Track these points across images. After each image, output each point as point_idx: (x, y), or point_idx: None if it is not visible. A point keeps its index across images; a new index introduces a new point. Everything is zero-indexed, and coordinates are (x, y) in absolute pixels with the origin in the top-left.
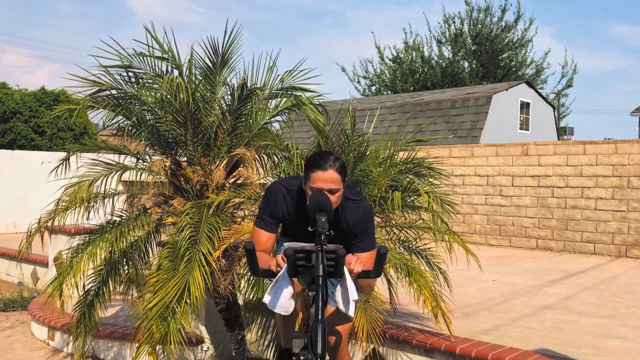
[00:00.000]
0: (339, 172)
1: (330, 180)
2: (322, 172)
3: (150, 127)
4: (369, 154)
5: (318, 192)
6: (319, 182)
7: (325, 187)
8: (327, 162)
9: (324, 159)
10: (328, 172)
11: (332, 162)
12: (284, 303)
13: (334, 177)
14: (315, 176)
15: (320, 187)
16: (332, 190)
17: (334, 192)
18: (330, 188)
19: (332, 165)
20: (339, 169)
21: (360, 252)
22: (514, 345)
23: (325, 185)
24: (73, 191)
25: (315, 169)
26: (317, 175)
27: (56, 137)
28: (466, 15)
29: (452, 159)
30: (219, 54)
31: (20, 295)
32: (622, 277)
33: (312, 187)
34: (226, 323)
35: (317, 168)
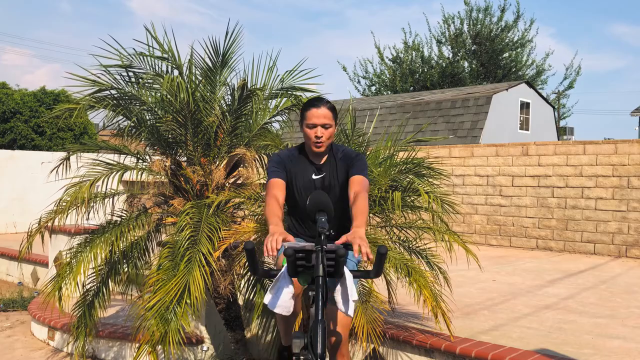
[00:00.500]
0: (331, 110)
1: (323, 115)
2: (315, 109)
3: (150, 127)
4: (369, 153)
5: (318, 192)
6: (314, 117)
7: (319, 122)
8: (320, 101)
9: (317, 100)
10: (321, 109)
11: (324, 102)
12: (284, 303)
13: (327, 113)
14: (310, 113)
15: (314, 122)
16: (326, 125)
17: (327, 127)
18: (323, 123)
19: (325, 104)
20: (331, 108)
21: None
22: (514, 345)
23: (319, 120)
24: (74, 191)
25: (309, 107)
26: (312, 112)
27: (56, 137)
28: (466, 15)
29: (452, 159)
30: (220, 54)
31: (20, 295)
32: (622, 277)
33: (307, 123)
34: (226, 323)
35: (311, 106)
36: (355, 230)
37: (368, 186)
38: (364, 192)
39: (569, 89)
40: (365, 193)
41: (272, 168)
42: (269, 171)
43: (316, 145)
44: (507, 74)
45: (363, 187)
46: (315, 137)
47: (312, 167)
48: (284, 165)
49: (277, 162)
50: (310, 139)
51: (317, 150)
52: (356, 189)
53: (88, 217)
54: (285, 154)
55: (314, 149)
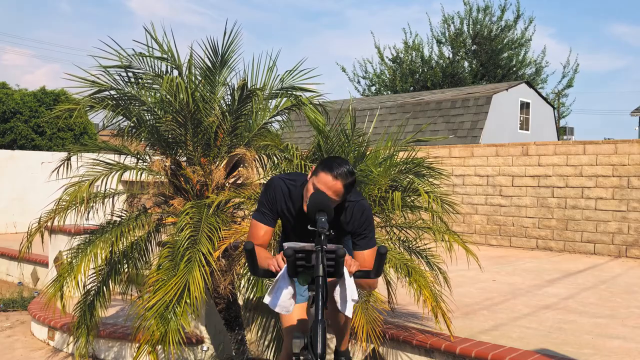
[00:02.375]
0: (346, 187)
1: (334, 189)
2: (331, 178)
3: (150, 127)
4: (369, 154)
5: (318, 192)
6: (322, 185)
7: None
8: (341, 171)
9: (339, 166)
10: (336, 182)
11: (345, 174)
12: (284, 303)
13: (339, 189)
14: (324, 178)
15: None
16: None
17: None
18: (330, 197)
19: (344, 178)
20: (347, 185)
21: (360, 250)
22: (514, 345)
23: (327, 191)
24: (73, 191)
25: (327, 171)
26: (326, 178)
27: (56, 137)
28: (465, 15)
29: (452, 159)
30: (219, 54)
31: (20, 295)
32: (622, 277)
33: (315, 185)
34: (226, 323)
35: (329, 171)
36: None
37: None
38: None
39: (568, 87)
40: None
41: (263, 209)
42: (259, 206)
43: None
44: (507, 73)
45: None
46: None
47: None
48: (276, 207)
49: (270, 201)
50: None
51: None
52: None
53: (88, 217)
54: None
55: None
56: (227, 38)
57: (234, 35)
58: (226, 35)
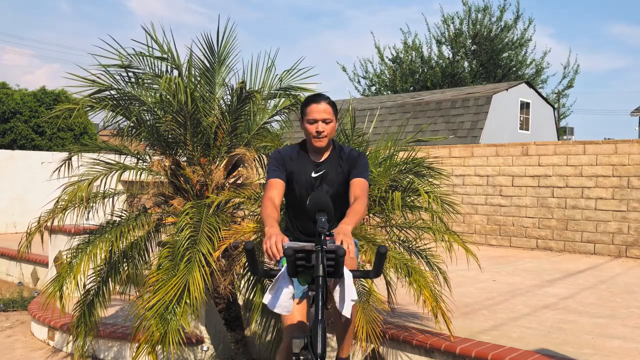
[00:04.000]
0: (331, 104)
1: (323, 110)
2: (316, 105)
3: (150, 127)
4: (369, 154)
5: (318, 192)
6: (314, 113)
7: (319, 117)
8: (320, 97)
9: (317, 95)
10: (321, 104)
11: (324, 98)
12: (283, 303)
13: (327, 108)
14: (310, 109)
15: (315, 117)
16: (326, 120)
17: (328, 122)
18: (324, 117)
19: (324, 99)
20: (330, 103)
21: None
22: (514, 345)
23: (319, 115)
24: (72, 190)
25: (309, 103)
26: (312, 108)
27: (56, 137)
28: (465, 15)
29: (452, 159)
30: (215, 54)
31: (20, 295)
32: (622, 277)
33: (308, 119)
34: (226, 323)
35: (311, 102)
36: (341, 227)
37: (368, 189)
38: (363, 197)
39: (568, 87)
40: (364, 198)
41: (272, 167)
42: (268, 170)
43: (317, 140)
44: (507, 73)
45: (363, 191)
46: (316, 132)
47: (311, 164)
48: (283, 163)
49: (277, 160)
50: (311, 134)
51: (318, 145)
52: (356, 192)
53: (88, 217)
54: (286, 151)
55: (315, 144)
56: (221, 37)
57: (229, 34)
58: (219, 35)
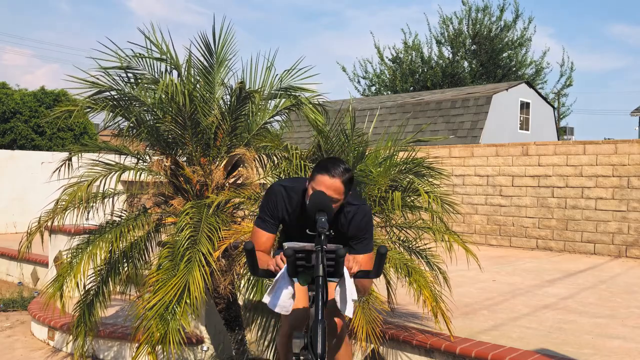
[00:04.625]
0: (345, 183)
1: (333, 188)
2: (328, 178)
3: (149, 127)
4: (368, 154)
5: (318, 192)
6: (322, 186)
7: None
8: (337, 169)
9: (334, 165)
10: (334, 180)
11: (342, 171)
12: (283, 303)
13: (338, 187)
14: (321, 179)
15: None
16: (333, 200)
17: (334, 202)
18: (331, 196)
19: (340, 175)
20: (346, 181)
21: (357, 254)
22: (514, 345)
23: (328, 191)
24: (72, 191)
25: (323, 172)
26: (323, 179)
27: (56, 137)
28: (464, 14)
29: (452, 159)
30: (213, 54)
31: (20, 295)
32: (622, 277)
33: (314, 188)
34: (226, 323)
35: (325, 172)
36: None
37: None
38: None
39: (567, 86)
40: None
41: (264, 216)
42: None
43: None
44: (506, 73)
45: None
46: None
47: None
48: (277, 214)
49: (272, 209)
50: None
51: None
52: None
53: (88, 217)
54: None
55: None
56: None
57: (227, 33)
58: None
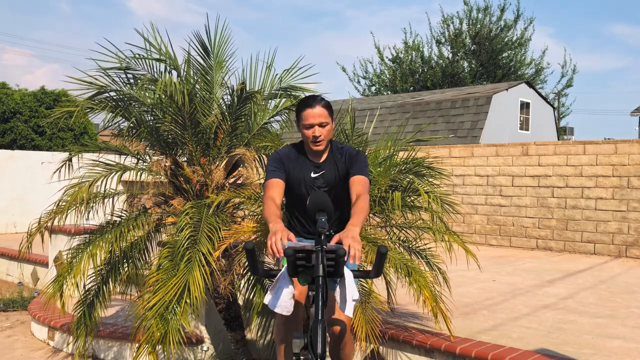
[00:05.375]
0: (326, 107)
1: (319, 114)
2: (310, 109)
3: (149, 127)
4: (368, 153)
5: (318, 192)
6: (310, 117)
7: (315, 122)
8: (315, 99)
9: (311, 98)
10: (316, 108)
11: (318, 100)
12: (284, 303)
13: (322, 112)
14: (305, 114)
15: (311, 122)
16: (322, 123)
17: (324, 125)
18: (320, 121)
19: (319, 102)
20: (326, 105)
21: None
22: (513, 345)
23: (315, 119)
24: (73, 192)
25: (304, 108)
26: (307, 113)
27: (56, 137)
28: (465, 15)
29: (452, 159)
30: (210, 53)
31: (20, 295)
32: (622, 277)
33: (304, 124)
34: (226, 323)
35: (305, 106)
36: (348, 229)
37: (369, 186)
38: (365, 193)
39: (567, 87)
40: (366, 194)
41: (271, 167)
42: (268, 170)
43: (315, 144)
44: (506, 73)
45: (364, 187)
46: (313, 136)
47: (311, 165)
48: (282, 164)
49: (276, 161)
50: (309, 138)
51: (316, 148)
52: (358, 189)
53: (88, 217)
54: (284, 152)
55: (313, 148)
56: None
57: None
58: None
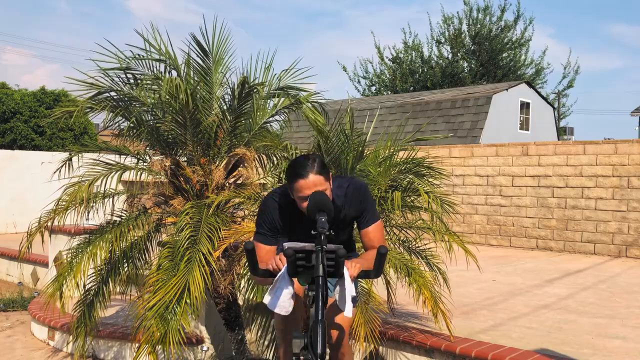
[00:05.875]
0: (320, 173)
1: (313, 184)
2: (303, 180)
3: (149, 127)
4: (368, 153)
5: (317, 192)
6: (304, 189)
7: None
8: (306, 168)
9: (302, 167)
10: (309, 177)
11: (310, 166)
12: (283, 303)
13: (317, 180)
14: (298, 186)
15: (305, 194)
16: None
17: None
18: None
19: (312, 169)
20: (319, 170)
21: (366, 228)
22: (513, 345)
23: (310, 190)
24: (73, 191)
25: (296, 179)
26: (300, 185)
27: (56, 137)
28: (465, 15)
29: (452, 159)
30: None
31: (20, 295)
32: (622, 276)
33: (299, 196)
34: (226, 323)
35: (297, 178)
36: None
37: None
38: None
39: (568, 88)
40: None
41: (262, 230)
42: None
43: None
44: (506, 73)
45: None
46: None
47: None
48: (275, 226)
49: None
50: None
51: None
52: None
53: (88, 217)
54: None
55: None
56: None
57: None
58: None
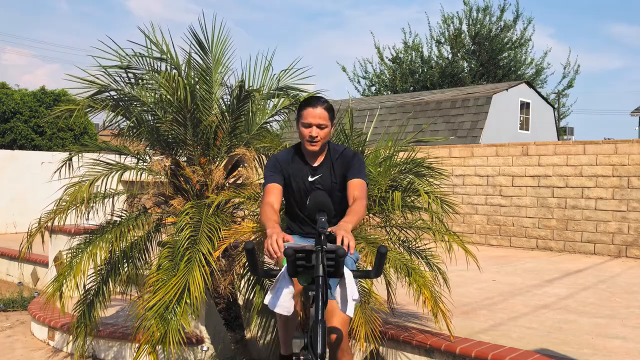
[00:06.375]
0: (328, 110)
1: (319, 115)
2: (312, 109)
3: (150, 127)
4: (368, 153)
5: (318, 192)
6: (309, 117)
7: (314, 122)
8: (317, 100)
9: (314, 98)
10: (317, 109)
11: (321, 102)
12: (284, 303)
13: (323, 114)
14: (306, 112)
15: (309, 121)
16: (321, 125)
17: (323, 128)
18: (319, 123)
19: (322, 104)
20: (327, 108)
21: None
22: (513, 345)
23: (314, 120)
24: (73, 191)
25: (306, 106)
26: (308, 112)
27: (56, 137)
28: (465, 15)
29: (452, 159)
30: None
31: (20, 295)
32: (622, 276)
33: (303, 122)
34: (226, 323)
35: (307, 105)
36: (341, 224)
37: (366, 189)
38: (362, 198)
39: (568, 88)
40: (364, 199)
41: (268, 172)
42: (265, 175)
43: (310, 144)
44: (507, 73)
45: (362, 192)
46: (309, 136)
47: (307, 168)
48: (280, 168)
49: (273, 165)
50: (305, 137)
51: (311, 149)
52: (355, 193)
53: (88, 217)
54: (282, 156)
55: (308, 148)
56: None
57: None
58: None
